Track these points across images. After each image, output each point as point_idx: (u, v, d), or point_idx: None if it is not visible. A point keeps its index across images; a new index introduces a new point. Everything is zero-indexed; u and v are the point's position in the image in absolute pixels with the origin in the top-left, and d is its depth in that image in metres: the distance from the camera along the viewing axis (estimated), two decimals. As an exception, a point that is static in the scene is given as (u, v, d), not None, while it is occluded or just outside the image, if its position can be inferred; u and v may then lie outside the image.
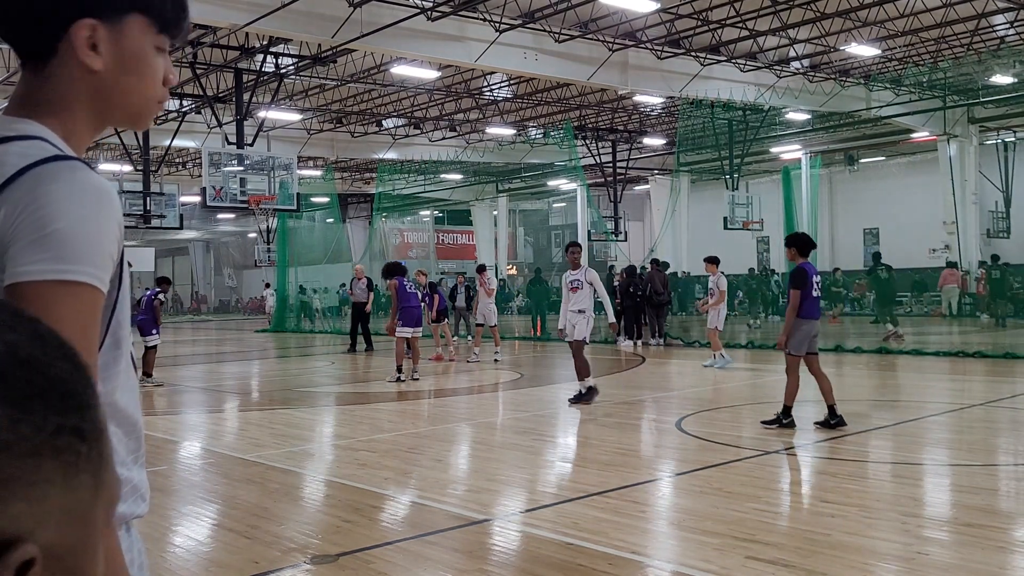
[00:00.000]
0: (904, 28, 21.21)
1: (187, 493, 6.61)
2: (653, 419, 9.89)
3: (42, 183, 1.13)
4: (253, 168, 19.83)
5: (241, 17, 16.50)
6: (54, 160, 1.17)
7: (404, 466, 7.45)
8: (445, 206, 49.14)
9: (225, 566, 4.73)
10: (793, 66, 24.27)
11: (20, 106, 1.25)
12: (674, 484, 6.60)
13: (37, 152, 1.18)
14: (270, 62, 21.50)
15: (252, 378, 15.58)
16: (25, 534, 0.55)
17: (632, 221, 39.74)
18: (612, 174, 32.75)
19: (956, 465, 7.14)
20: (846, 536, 4.95)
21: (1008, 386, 11.71)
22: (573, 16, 19.97)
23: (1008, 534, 5.10)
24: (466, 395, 12.46)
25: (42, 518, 0.56)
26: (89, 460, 0.59)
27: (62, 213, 1.12)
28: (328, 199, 37.31)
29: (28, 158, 1.16)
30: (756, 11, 19.89)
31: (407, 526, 5.58)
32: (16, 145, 1.19)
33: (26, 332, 0.59)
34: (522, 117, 31.49)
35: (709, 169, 35.31)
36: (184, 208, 31.89)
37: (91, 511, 0.60)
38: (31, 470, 0.55)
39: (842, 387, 12.30)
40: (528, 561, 4.76)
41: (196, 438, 9.32)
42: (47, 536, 0.56)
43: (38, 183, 1.13)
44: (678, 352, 18.33)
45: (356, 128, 32.23)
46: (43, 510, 0.56)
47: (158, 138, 26.50)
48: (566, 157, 31.96)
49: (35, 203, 1.12)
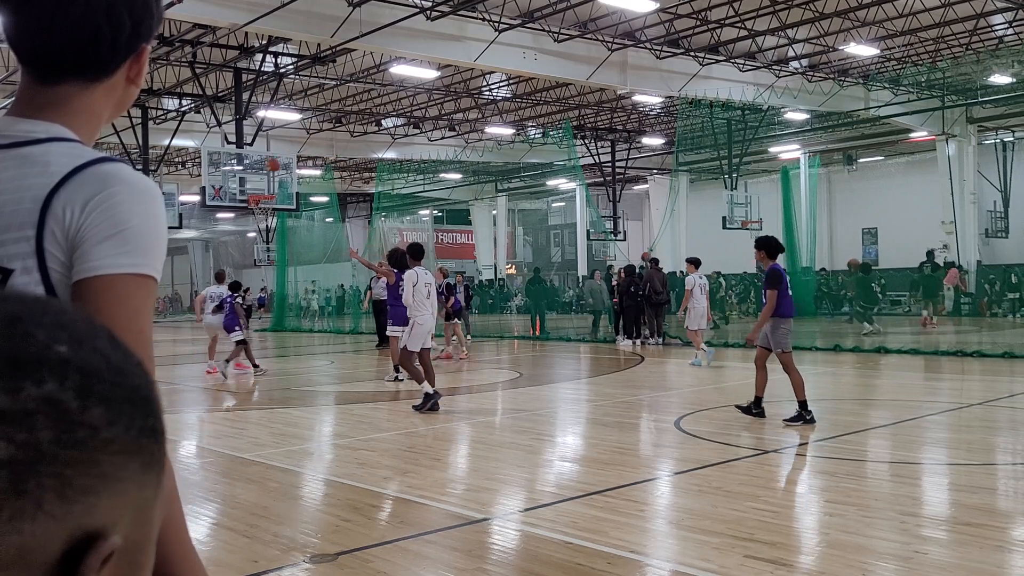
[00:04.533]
0: (903, 28, 21.23)
1: (186, 492, 6.62)
2: (652, 418, 9.90)
3: (108, 183, 1.21)
4: (252, 168, 19.82)
5: (240, 16, 16.51)
6: (107, 161, 1.24)
7: (403, 465, 7.46)
8: (444, 205, 49.14)
9: (225, 565, 4.73)
10: (792, 66, 24.28)
11: (35, 109, 1.28)
12: (673, 483, 6.61)
13: (83, 152, 1.24)
14: (269, 61, 21.49)
15: (251, 377, 15.55)
16: (110, 528, 0.59)
17: (631, 221, 39.76)
18: (611, 174, 32.76)
19: (954, 464, 7.15)
20: (845, 535, 4.96)
21: (1006, 385, 11.73)
22: (572, 16, 19.98)
23: (1006, 533, 5.11)
24: (465, 394, 12.46)
25: (123, 513, 0.60)
26: (158, 459, 0.63)
27: (133, 212, 1.20)
28: (327, 198, 37.31)
29: (78, 158, 1.22)
30: (755, 11, 19.91)
31: (406, 525, 5.59)
32: (57, 146, 1.24)
33: (107, 339, 0.63)
34: (521, 117, 31.50)
35: (708, 169, 35.33)
36: (183, 207, 31.92)
37: (153, 506, 0.64)
38: (120, 467, 0.59)
39: (842, 387, 12.32)
40: (527, 560, 4.76)
41: (196, 437, 9.33)
42: (123, 530, 0.60)
43: (104, 183, 1.20)
44: (677, 351, 18.34)
45: (355, 127, 32.23)
46: (123, 505, 0.60)
47: (157, 137, 26.50)
48: (565, 157, 31.98)
49: (106, 202, 1.19)
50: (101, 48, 1.27)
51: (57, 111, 1.28)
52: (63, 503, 0.56)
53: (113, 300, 1.17)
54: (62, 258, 1.19)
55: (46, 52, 1.27)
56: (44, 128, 1.25)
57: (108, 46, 1.27)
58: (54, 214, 1.18)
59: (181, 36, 19.67)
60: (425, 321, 9.99)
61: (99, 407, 0.58)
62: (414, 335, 9.87)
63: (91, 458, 0.57)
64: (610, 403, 10.91)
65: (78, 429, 0.57)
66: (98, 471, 0.58)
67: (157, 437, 0.63)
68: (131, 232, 1.19)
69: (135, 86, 1.37)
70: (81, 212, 1.18)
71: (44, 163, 1.21)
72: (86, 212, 1.18)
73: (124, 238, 1.19)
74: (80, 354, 0.60)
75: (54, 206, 1.19)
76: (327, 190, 37.13)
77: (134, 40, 1.30)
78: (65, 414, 0.57)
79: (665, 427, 9.01)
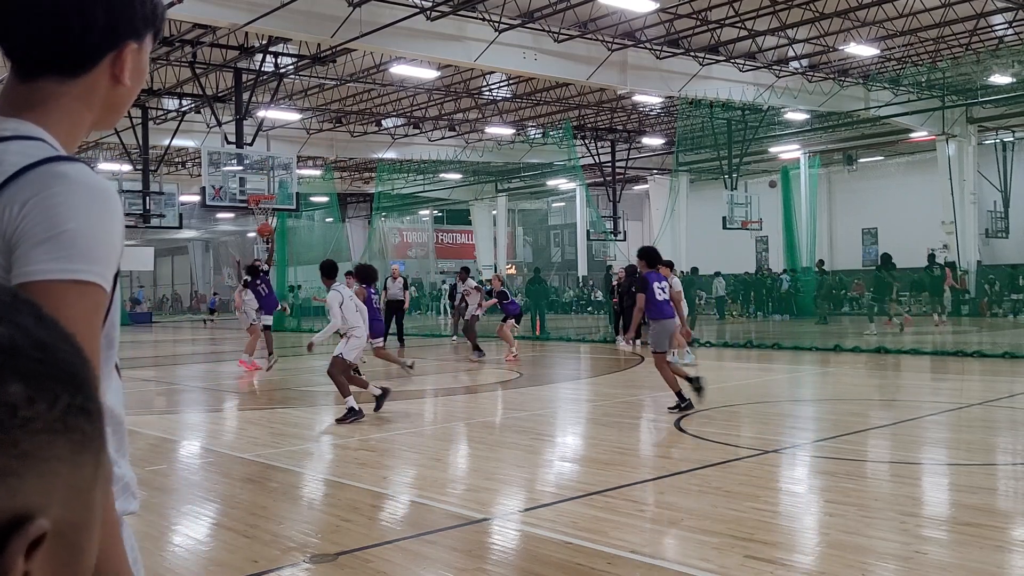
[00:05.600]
0: (903, 28, 21.22)
1: (186, 492, 6.62)
2: (652, 418, 9.89)
3: (49, 183, 1.15)
4: (252, 168, 19.83)
5: (240, 16, 16.50)
6: (57, 160, 1.18)
7: (403, 465, 7.46)
8: (444, 205, 49.12)
9: (224, 565, 4.73)
10: (792, 66, 24.27)
11: (12, 107, 1.26)
12: (673, 483, 6.60)
13: (38, 152, 1.19)
14: (269, 61, 21.48)
15: (251, 377, 15.55)
16: (37, 510, 0.56)
17: (631, 221, 39.75)
18: (611, 174, 32.75)
19: (954, 464, 7.15)
20: (844, 535, 4.96)
21: (1007, 385, 11.72)
22: (572, 16, 19.97)
23: (1006, 533, 5.11)
24: (465, 394, 12.46)
25: (52, 494, 0.57)
26: (92, 439, 0.61)
27: (72, 214, 1.14)
28: (327, 198, 37.30)
29: (29, 157, 1.17)
30: (755, 11, 19.90)
31: (406, 525, 5.59)
32: (15, 144, 1.20)
33: (31, 315, 0.61)
34: (521, 117, 31.48)
35: (708, 169, 35.32)
36: (183, 207, 31.88)
37: (92, 488, 0.61)
38: (45, 446, 0.57)
39: (842, 386, 12.32)
40: (527, 560, 4.76)
41: (195, 437, 9.33)
42: (54, 512, 0.57)
43: (45, 183, 1.15)
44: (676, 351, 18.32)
45: (355, 128, 32.22)
46: (53, 486, 0.57)
47: (157, 137, 26.48)
48: (565, 157, 31.96)
49: (44, 203, 1.13)
50: (71, 43, 1.24)
51: (33, 109, 1.25)
52: None
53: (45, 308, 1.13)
54: (1, 260, 1.14)
55: (19, 47, 1.25)
56: (13, 126, 1.22)
57: (79, 41, 1.24)
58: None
59: (181, 36, 19.67)
60: (362, 335, 10.11)
61: (17, 384, 0.56)
62: (350, 347, 9.91)
63: (10, 438, 0.55)
64: (610, 403, 10.91)
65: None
66: (18, 451, 0.55)
67: (90, 416, 0.60)
68: (69, 235, 1.13)
69: (123, 86, 1.31)
70: (19, 212, 1.13)
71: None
72: (23, 212, 1.13)
73: (61, 241, 1.12)
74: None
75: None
76: (327, 190, 37.12)
77: (109, 36, 1.26)
78: None
79: (665, 427, 9.01)
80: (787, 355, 16.90)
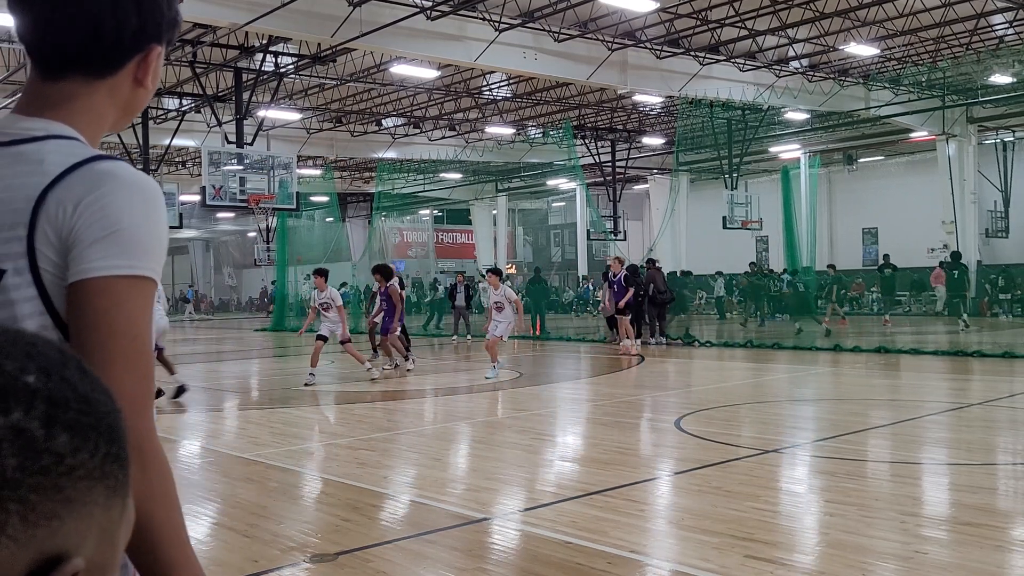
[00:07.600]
0: (903, 28, 21.23)
1: (186, 492, 6.61)
2: (652, 418, 9.90)
3: (100, 183, 1.17)
4: (253, 167, 19.83)
5: (241, 16, 16.51)
6: (100, 159, 1.20)
7: (403, 465, 7.46)
8: (444, 205, 49.13)
9: (224, 564, 4.73)
10: (792, 66, 24.28)
11: (36, 107, 1.26)
12: (673, 483, 6.60)
13: (79, 150, 1.21)
14: (270, 61, 21.50)
15: (252, 377, 15.58)
16: (74, 550, 0.61)
17: (631, 220, 39.76)
18: (611, 173, 32.76)
19: (954, 464, 7.15)
20: (845, 535, 4.96)
21: (1007, 385, 11.72)
22: (572, 16, 19.98)
23: (1006, 533, 5.11)
24: (465, 394, 12.46)
25: (87, 536, 0.63)
26: (123, 484, 0.66)
27: (124, 212, 1.17)
28: (328, 198, 37.29)
29: (73, 156, 1.19)
30: (755, 11, 19.90)
31: (406, 525, 5.59)
32: (52, 143, 1.21)
33: (77, 369, 0.66)
34: (521, 116, 31.49)
35: (708, 168, 35.33)
36: (184, 207, 31.94)
37: (118, 528, 0.67)
38: (85, 492, 0.62)
39: (842, 386, 12.32)
40: (527, 560, 4.76)
41: (195, 437, 9.32)
42: (87, 551, 0.63)
43: (96, 183, 1.17)
44: (678, 351, 18.34)
45: (356, 127, 32.23)
46: (88, 528, 0.63)
47: (158, 137, 26.50)
48: (565, 156, 31.95)
49: (97, 203, 1.16)
50: (103, 43, 1.25)
51: (59, 108, 1.26)
52: (26, 527, 0.58)
53: (108, 303, 1.14)
54: (55, 259, 1.16)
55: (48, 45, 1.25)
56: (43, 126, 1.23)
57: (111, 41, 1.25)
58: (47, 214, 1.15)
59: (181, 36, 19.67)
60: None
61: (64, 435, 0.61)
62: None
63: (55, 484, 0.60)
64: (610, 403, 10.91)
65: (43, 456, 0.59)
66: (62, 496, 0.60)
67: (122, 464, 0.66)
68: (124, 232, 1.16)
69: (143, 88, 1.33)
70: (73, 212, 1.15)
71: (38, 161, 1.19)
72: (78, 212, 1.15)
73: (117, 239, 1.16)
74: (48, 384, 0.62)
75: (47, 205, 1.16)
76: (327, 190, 37.12)
77: (140, 37, 1.27)
78: (30, 442, 0.59)
79: (665, 427, 9.01)
80: (787, 355, 16.91)
